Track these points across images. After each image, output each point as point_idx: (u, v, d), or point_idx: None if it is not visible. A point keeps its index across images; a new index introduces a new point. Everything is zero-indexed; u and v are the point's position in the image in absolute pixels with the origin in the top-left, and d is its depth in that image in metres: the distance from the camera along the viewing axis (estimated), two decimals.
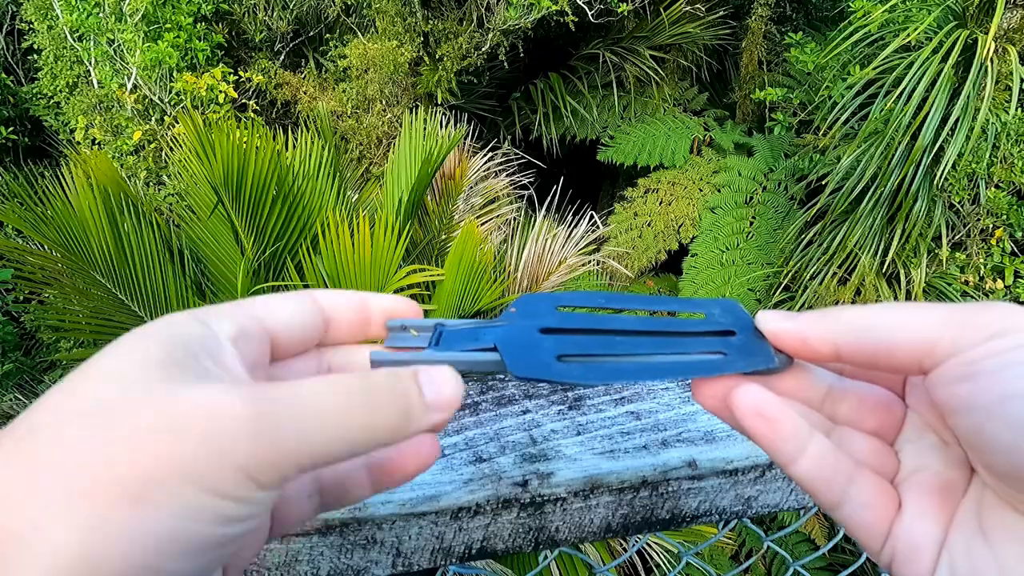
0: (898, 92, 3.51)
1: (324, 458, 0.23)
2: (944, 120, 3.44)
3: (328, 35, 4.53)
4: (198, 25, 3.96)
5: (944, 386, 0.25)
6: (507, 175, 3.73)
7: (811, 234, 4.10)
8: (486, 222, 3.17)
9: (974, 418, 0.24)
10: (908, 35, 3.45)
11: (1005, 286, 3.88)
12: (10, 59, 4.87)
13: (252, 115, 4.13)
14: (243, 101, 4.21)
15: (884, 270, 3.86)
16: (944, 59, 3.40)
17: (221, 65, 3.96)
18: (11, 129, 4.48)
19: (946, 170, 3.48)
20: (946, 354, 0.25)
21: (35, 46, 4.32)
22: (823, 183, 4.04)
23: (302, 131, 2.59)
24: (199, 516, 0.21)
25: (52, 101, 4.36)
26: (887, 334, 0.26)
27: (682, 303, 0.34)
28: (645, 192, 4.84)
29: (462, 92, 4.53)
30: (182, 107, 3.85)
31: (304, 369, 0.31)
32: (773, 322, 0.29)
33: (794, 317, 0.29)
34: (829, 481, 0.27)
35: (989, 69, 3.34)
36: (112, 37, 3.89)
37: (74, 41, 4.07)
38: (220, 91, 3.82)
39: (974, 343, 0.24)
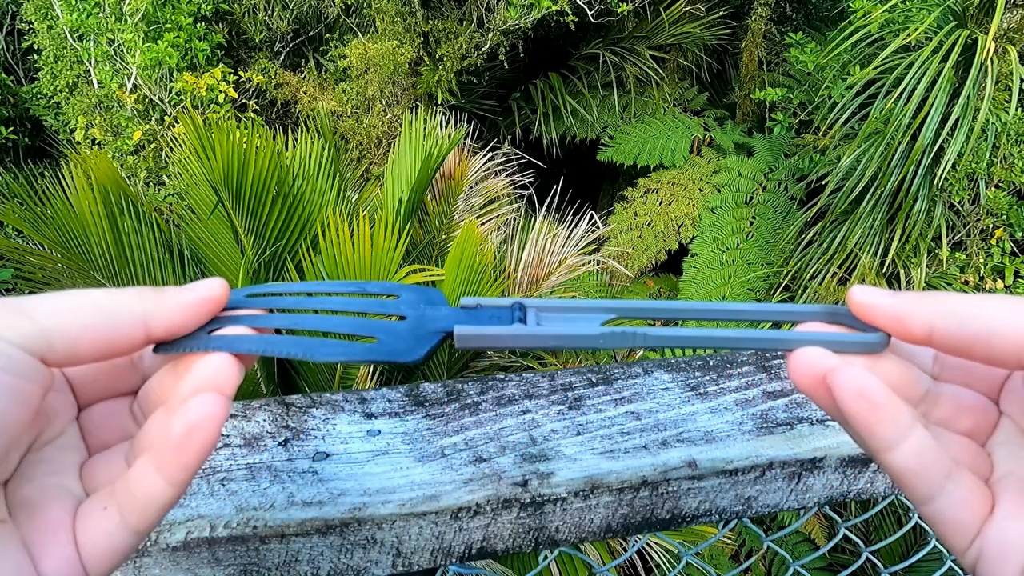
0: (898, 92, 3.51)
1: (73, 318, 0.25)
2: (944, 120, 3.44)
3: (328, 35, 4.53)
4: (198, 25, 3.96)
5: None
6: (507, 175, 3.73)
7: (811, 234, 4.10)
8: (486, 222, 3.17)
9: None
10: (908, 35, 3.45)
11: (1005, 286, 3.88)
12: (10, 59, 4.87)
13: (252, 115, 4.13)
14: (243, 101, 4.21)
15: (884, 270, 3.86)
16: (944, 59, 3.40)
17: (221, 65, 3.96)
18: (11, 129, 4.48)
19: (946, 170, 3.48)
20: None
21: (35, 46, 4.32)
22: (823, 183, 4.04)
23: (302, 131, 2.59)
24: None
25: (52, 101, 4.36)
26: (988, 323, 0.26)
27: (381, 286, 0.33)
28: (645, 192, 4.84)
29: (462, 92, 4.53)
30: (182, 107, 3.85)
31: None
32: (868, 295, 0.28)
33: (894, 294, 0.28)
34: (926, 473, 0.26)
35: (989, 69, 3.34)
36: (112, 37, 3.89)
37: (74, 41, 4.07)
38: (220, 91, 3.82)
39: None
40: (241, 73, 4.15)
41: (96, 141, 3.97)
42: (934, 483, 0.27)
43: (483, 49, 4.30)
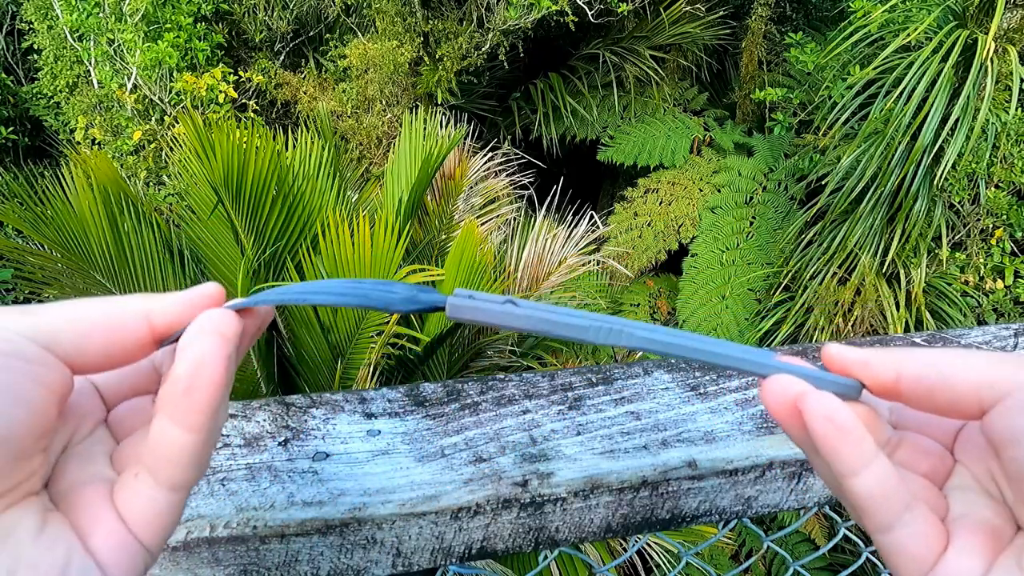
0: (898, 92, 3.51)
1: (85, 320, 0.26)
2: (944, 120, 3.44)
3: (328, 35, 4.54)
4: (198, 25, 3.96)
5: (1009, 414, 0.26)
6: (507, 175, 3.73)
7: (811, 234, 4.10)
8: (486, 222, 3.17)
9: None
10: (908, 35, 3.45)
11: (1005, 286, 3.88)
12: (10, 59, 4.87)
13: (252, 115, 4.13)
14: (243, 101, 4.21)
15: (884, 270, 3.86)
16: (944, 59, 3.41)
17: (221, 65, 3.96)
18: (11, 129, 4.48)
19: (946, 170, 3.48)
20: (1008, 388, 0.26)
21: (35, 46, 4.32)
22: (823, 183, 4.04)
23: (302, 131, 2.59)
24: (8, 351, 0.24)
25: (52, 101, 4.36)
26: (949, 368, 0.28)
27: (378, 282, 0.35)
28: (645, 192, 4.84)
29: (462, 92, 4.54)
30: (182, 107, 3.85)
31: None
32: (840, 348, 0.31)
33: (863, 349, 0.30)
34: (887, 502, 0.27)
35: (989, 69, 3.34)
36: (112, 37, 3.89)
37: (74, 41, 4.07)
38: (220, 91, 3.82)
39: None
40: (241, 73, 4.15)
41: (96, 141, 3.97)
42: (894, 512, 0.28)
43: (483, 49, 4.31)
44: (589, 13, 4.35)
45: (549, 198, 3.59)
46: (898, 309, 3.81)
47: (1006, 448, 0.27)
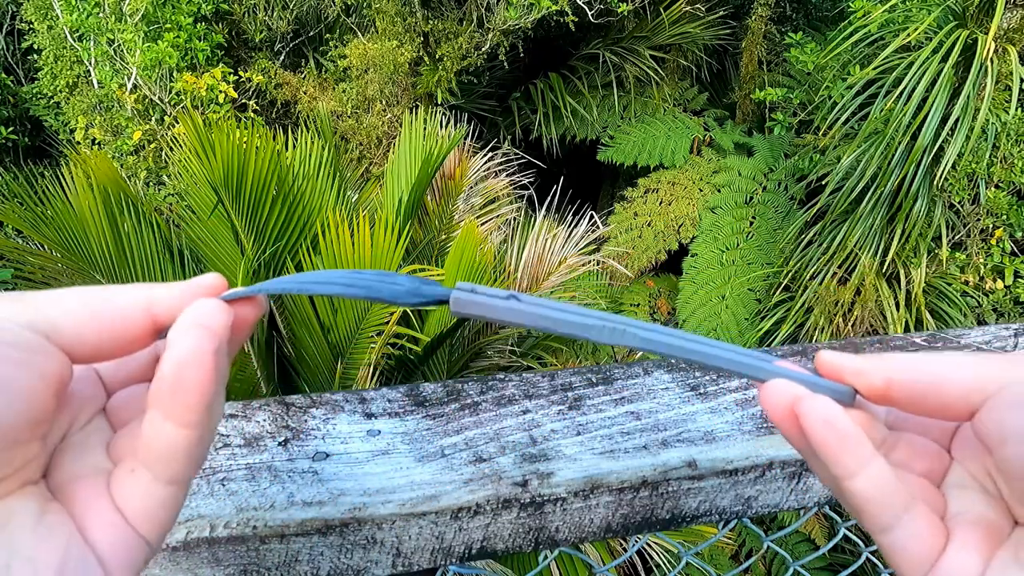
0: (898, 92, 3.51)
1: (74, 305, 0.26)
2: (944, 120, 3.44)
3: (328, 35, 4.54)
4: (198, 25, 3.96)
5: (997, 412, 0.27)
6: (507, 175, 3.73)
7: (811, 234, 4.10)
8: (486, 222, 3.17)
9: None
10: (908, 35, 3.45)
11: (1005, 286, 3.88)
12: (10, 59, 4.87)
13: (252, 115, 4.13)
14: (243, 101, 4.21)
15: (884, 270, 3.86)
16: (944, 59, 3.41)
17: (221, 65, 3.96)
18: (11, 129, 4.49)
19: (946, 170, 3.48)
20: (994, 388, 0.27)
21: (35, 46, 4.32)
22: (823, 183, 4.04)
23: (302, 131, 2.59)
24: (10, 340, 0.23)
25: (52, 101, 4.36)
26: (939, 370, 0.28)
27: (381, 272, 0.35)
28: (645, 192, 4.84)
29: (462, 92, 4.54)
30: (182, 107, 3.85)
31: None
32: (833, 356, 0.31)
33: (856, 356, 0.31)
34: (885, 503, 0.28)
35: (989, 69, 3.34)
36: (112, 37, 3.89)
37: (74, 41, 4.07)
38: (220, 91, 3.82)
39: (1015, 382, 0.26)
40: (241, 73, 4.15)
41: (96, 141, 3.97)
42: (892, 513, 0.28)
43: (483, 49, 4.31)
44: (589, 13, 4.35)
45: (549, 198, 3.59)
46: (898, 309, 3.81)
47: (997, 447, 0.27)
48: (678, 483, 0.47)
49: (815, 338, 3.91)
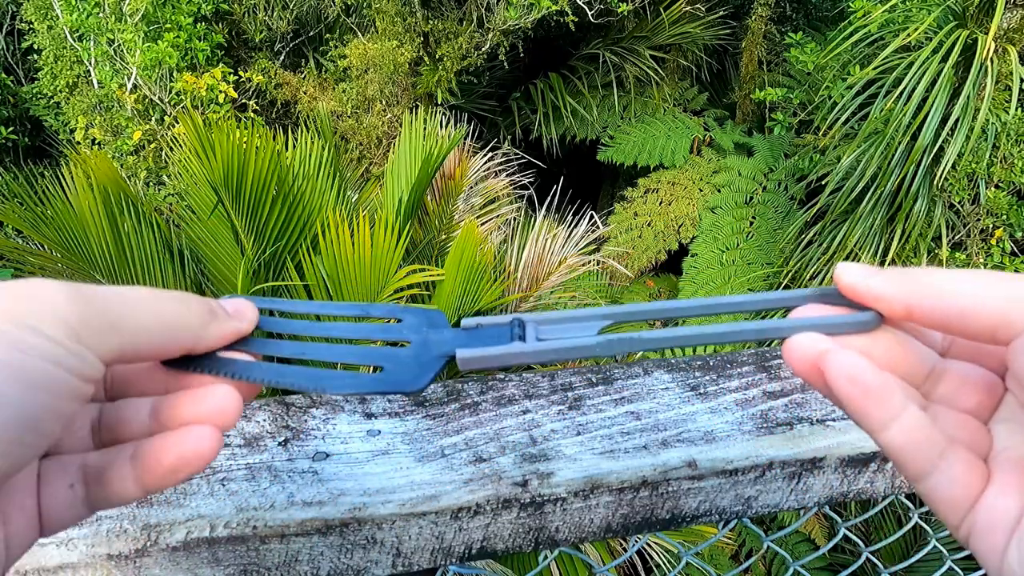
0: (898, 92, 3.51)
1: (141, 324, 0.26)
2: (944, 120, 3.44)
3: (328, 35, 4.54)
4: (198, 25, 3.96)
5: (1021, 355, 0.26)
6: (507, 175, 3.72)
7: (811, 234, 4.10)
8: (486, 222, 3.17)
9: None
10: (908, 35, 3.45)
11: None
12: (10, 59, 4.87)
13: (252, 115, 4.13)
14: (243, 101, 4.21)
15: None
16: (944, 59, 3.40)
17: (221, 65, 3.96)
18: (11, 129, 4.48)
19: (946, 170, 3.48)
20: (1020, 328, 0.26)
21: (35, 46, 4.32)
22: (823, 183, 4.04)
23: (302, 131, 2.59)
24: (26, 349, 0.23)
25: (52, 101, 4.36)
26: (961, 301, 0.27)
27: (384, 309, 0.34)
28: (645, 192, 4.84)
29: (462, 92, 4.53)
30: (182, 107, 3.85)
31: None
32: (850, 275, 0.30)
33: (874, 274, 0.29)
34: (918, 453, 0.27)
35: (989, 69, 3.34)
36: (112, 37, 3.89)
37: (74, 41, 4.07)
38: (220, 91, 3.82)
39: None
40: (241, 73, 4.15)
41: (96, 141, 3.97)
42: (926, 462, 0.27)
43: (483, 49, 4.31)
44: (589, 13, 4.35)
45: (549, 198, 3.59)
46: None
47: None
48: (678, 483, 0.47)
49: None
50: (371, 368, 0.31)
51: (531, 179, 4.20)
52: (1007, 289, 0.26)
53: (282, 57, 4.52)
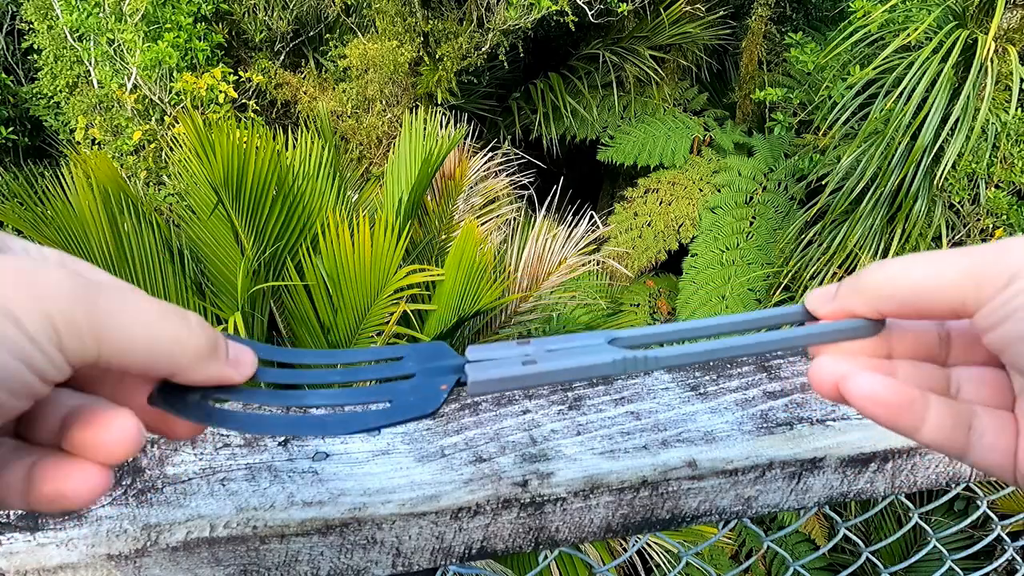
0: (898, 92, 3.51)
1: (129, 342, 0.24)
2: (944, 120, 3.44)
3: (328, 35, 4.53)
4: (198, 25, 3.96)
5: (983, 332, 0.28)
6: (507, 175, 3.72)
7: (811, 234, 4.10)
8: (486, 222, 3.17)
9: (1015, 352, 0.27)
10: (908, 35, 3.45)
11: None
12: (10, 59, 4.87)
13: (252, 115, 4.13)
14: (243, 101, 4.21)
15: None
16: (944, 59, 3.40)
17: (221, 65, 3.96)
18: (11, 129, 4.48)
19: (946, 170, 3.48)
20: (975, 306, 0.27)
21: (35, 46, 4.32)
22: (823, 183, 4.04)
23: (302, 131, 2.59)
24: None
25: (52, 101, 4.36)
26: (918, 296, 0.29)
27: (393, 351, 0.33)
28: (645, 192, 4.84)
29: (462, 92, 4.53)
30: (182, 107, 3.85)
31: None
32: (812, 304, 0.32)
33: (830, 297, 0.31)
34: (951, 438, 0.30)
35: (989, 69, 3.34)
36: (112, 37, 3.89)
37: (74, 41, 4.07)
38: (220, 91, 3.82)
39: (996, 291, 0.27)
40: (241, 73, 4.15)
41: (96, 141, 3.97)
42: (960, 444, 0.30)
43: (483, 49, 4.30)
44: (589, 13, 4.34)
45: (549, 198, 3.59)
46: None
47: (999, 356, 0.28)
48: (678, 483, 0.47)
49: None
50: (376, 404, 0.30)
51: (531, 179, 4.20)
52: (956, 265, 0.28)
53: (282, 57, 4.52)
